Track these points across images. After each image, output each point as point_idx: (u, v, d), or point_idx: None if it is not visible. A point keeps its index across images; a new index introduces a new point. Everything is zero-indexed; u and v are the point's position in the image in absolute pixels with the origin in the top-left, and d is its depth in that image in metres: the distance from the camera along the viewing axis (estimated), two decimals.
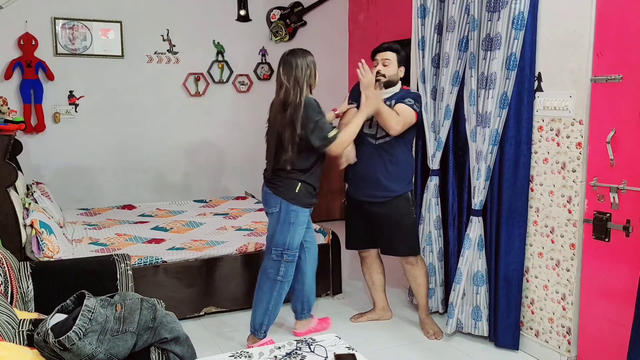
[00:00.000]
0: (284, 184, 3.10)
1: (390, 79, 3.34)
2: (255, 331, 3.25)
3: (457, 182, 3.58)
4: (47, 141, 5.37)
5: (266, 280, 3.21)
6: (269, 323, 3.24)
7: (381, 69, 3.32)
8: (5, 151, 3.31)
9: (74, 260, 3.15)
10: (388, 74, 3.32)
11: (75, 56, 5.41)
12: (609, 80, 2.73)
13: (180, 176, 6.04)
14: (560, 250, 3.02)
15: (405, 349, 3.31)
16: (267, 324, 3.24)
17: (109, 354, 1.93)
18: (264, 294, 3.21)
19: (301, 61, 3.04)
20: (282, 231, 3.12)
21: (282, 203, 3.10)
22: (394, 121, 3.20)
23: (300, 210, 3.12)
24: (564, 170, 2.97)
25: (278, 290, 3.20)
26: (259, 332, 3.24)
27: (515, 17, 2.99)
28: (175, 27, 5.80)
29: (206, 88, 6.02)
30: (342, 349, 2.08)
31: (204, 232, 4.21)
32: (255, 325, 3.24)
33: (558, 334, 3.07)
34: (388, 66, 3.33)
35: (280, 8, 6.24)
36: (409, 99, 3.31)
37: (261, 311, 3.21)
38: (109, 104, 5.59)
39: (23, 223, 3.39)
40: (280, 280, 3.18)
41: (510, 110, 3.12)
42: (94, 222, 4.43)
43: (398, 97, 3.33)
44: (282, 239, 3.13)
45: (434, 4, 3.54)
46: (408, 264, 3.49)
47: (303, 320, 3.51)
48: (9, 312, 2.06)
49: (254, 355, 2.02)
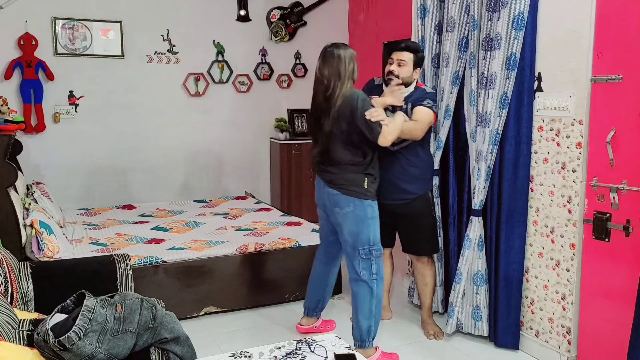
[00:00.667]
0: (351, 182, 3.00)
1: (404, 81, 3.21)
2: (363, 342, 3.09)
3: (457, 182, 3.58)
4: (47, 141, 5.37)
5: (362, 284, 3.06)
6: (376, 328, 3.10)
7: (395, 69, 3.22)
8: (5, 151, 3.31)
9: (74, 260, 3.15)
10: (402, 75, 3.20)
11: (75, 56, 5.41)
12: (609, 80, 2.73)
13: (180, 176, 6.04)
14: (560, 250, 3.02)
15: (405, 349, 3.31)
16: (374, 329, 3.09)
17: (109, 354, 1.93)
18: (363, 300, 3.06)
19: (344, 53, 3.02)
20: (364, 228, 3.02)
21: (355, 201, 3.01)
22: (418, 132, 3.13)
23: (374, 203, 3.07)
24: (564, 170, 2.97)
25: (376, 289, 3.06)
26: (368, 342, 3.08)
27: (515, 17, 2.99)
28: (175, 27, 5.80)
29: (206, 88, 6.02)
30: (342, 349, 2.08)
31: (204, 232, 4.20)
32: (362, 335, 3.08)
33: (558, 334, 3.07)
34: (403, 67, 3.20)
35: (280, 8, 6.24)
36: (428, 100, 3.17)
37: (365, 317, 3.06)
38: (109, 104, 5.59)
39: (23, 223, 3.39)
40: (375, 278, 3.06)
41: (510, 110, 3.12)
42: (94, 222, 4.43)
43: (414, 99, 3.20)
44: (366, 236, 3.03)
45: (434, 4, 3.54)
46: (419, 262, 3.47)
47: (311, 318, 3.50)
48: (9, 312, 2.06)
49: (254, 355, 2.02)
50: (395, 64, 3.24)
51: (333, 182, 3.05)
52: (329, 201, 3.08)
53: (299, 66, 6.44)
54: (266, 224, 4.43)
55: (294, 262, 3.88)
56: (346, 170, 3.01)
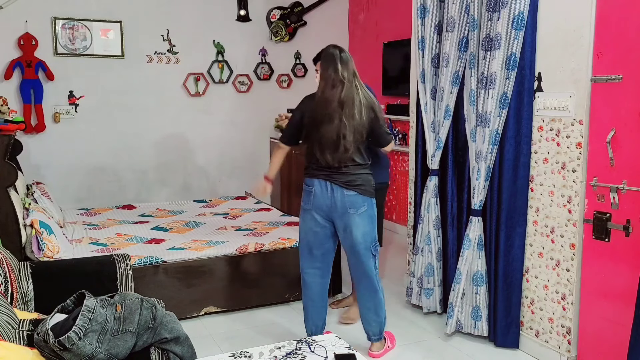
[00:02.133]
0: (366, 182, 3.05)
1: None
2: (381, 333, 3.22)
3: (456, 182, 3.58)
4: (47, 141, 5.37)
5: (374, 280, 3.15)
6: (385, 318, 3.22)
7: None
8: (5, 151, 3.31)
9: (74, 260, 3.15)
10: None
11: (75, 56, 5.41)
12: (609, 80, 2.73)
13: (180, 176, 6.05)
14: (560, 250, 3.02)
15: (405, 349, 3.31)
16: (384, 319, 3.22)
17: (109, 354, 1.93)
18: (377, 295, 3.16)
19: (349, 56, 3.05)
20: (373, 227, 3.12)
21: (368, 200, 3.07)
22: None
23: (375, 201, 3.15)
24: (564, 170, 2.97)
25: (379, 282, 3.18)
26: (381, 334, 3.22)
27: (515, 17, 2.99)
28: (175, 27, 5.80)
29: (206, 88, 6.02)
30: (342, 349, 2.09)
31: (204, 232, 4.20)
32: (381, 327, 3.20)
33: (558, 334, 3.07)
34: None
35: (280, 8, 6.24)
36: None
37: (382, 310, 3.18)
38: (109, 103, 5.60)
39: (23, 223, 3.39)
40: (376, 272, 3.17)
41: (510, 110, 3.13)
42: (94, 222, 4.43)
43: None
44: (373, 234, 3.11)
45: (434, 4, 3.54)
46: None
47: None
48: (9, 312, 2.06)
49: (254, 355, 2.02)
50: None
51: (350, 183, 3.02)
52: (342, 203, 3.02)
53: (299, 66, 6.44)
54: (266, 224, 4.43)
55: (294, 262, 3.87)
56: (361, 170, 3.05)
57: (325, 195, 3.04)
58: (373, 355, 3.19)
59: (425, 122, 3.64)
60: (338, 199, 3.02)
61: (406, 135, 5.65)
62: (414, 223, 3.92)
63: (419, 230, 3.69)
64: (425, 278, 3.69)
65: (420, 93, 3.67)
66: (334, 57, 2.97)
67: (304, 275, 3.22)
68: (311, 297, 3.22)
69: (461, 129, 3.48)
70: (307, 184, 3.10)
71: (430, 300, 3.70)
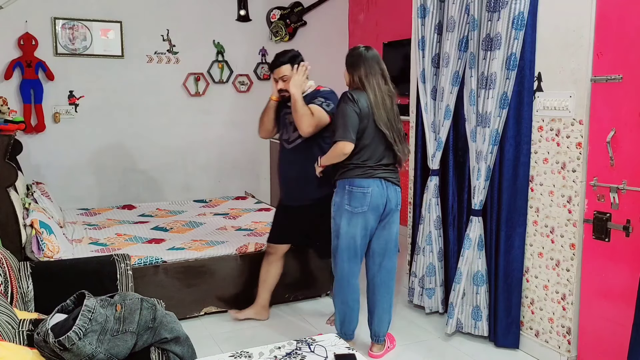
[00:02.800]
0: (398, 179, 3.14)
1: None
2: (383, 336, 3.21)
3: (457, 182, 3.58)
4: (47, 141, 5.37)
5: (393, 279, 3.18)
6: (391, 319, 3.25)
7: (282, 86, 3.31)
8: (5, 151, 3.31)
9: (74, 260, 3.15)
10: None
11: (75, 56, 5.41)
12: (609, 80, 2.73)
13: (180, 176, 6.04)
14: (560, 250, 3.02)
15: (405, 349, 3.31)
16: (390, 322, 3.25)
17: (109, 354, 1.93)
18: (390, 294, 3.17)
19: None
20: None
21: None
22: (306, 124, 3.17)
23: None
24: (564, 170, 2.97)
25: None
26: (384, 336, 3.22)
27: (515, 17, 2.99)
28: (175, 27, 5.80)
29: (206, 88, 6.02)
30: (342, 349, 2.09)
31: (204, 232, 4.20)
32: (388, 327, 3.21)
33: (558, 334, 3.07)
34: (288, 81, 3.27)
35: (280, 8, 6.24)
36: (319, 98, 3.27)
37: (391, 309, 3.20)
38: (109, 104, 5.59)
39: (23, 223, 3.39)
40: None
41: (510, 110, 3.13)
42: (94, 222, 4.43)
43: (308, 100, 3.26)
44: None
45: (434, 4, 3.54)
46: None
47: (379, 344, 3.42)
48: (9, 312, 2.06)
49: (254, 355, 2.02)
50: (280, 81, 3.33)
51: (397, 180, 3.12)
52: (395, 200, 3.08)
53: None
54: (266, 224, 4.43)
55: (294, 262, 3.88)
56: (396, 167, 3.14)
57: (382, 194, 3.02)
58: (373, 355, 3.18)
59: (426, 122, 3.64)
60: (392, 196, 3.06)
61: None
62: (414, 223, 3.92)
63: (420, 231, 3.69)
64: (427, 278, 3.69)
65: (420, 93, 3.67)
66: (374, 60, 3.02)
67: (350, 279, 3.11)
68: (357, 299, 3.17)
69: (461, 129, 3.48)
70: (360, 185, 2.99)
71: (432, 301, 3.70)
